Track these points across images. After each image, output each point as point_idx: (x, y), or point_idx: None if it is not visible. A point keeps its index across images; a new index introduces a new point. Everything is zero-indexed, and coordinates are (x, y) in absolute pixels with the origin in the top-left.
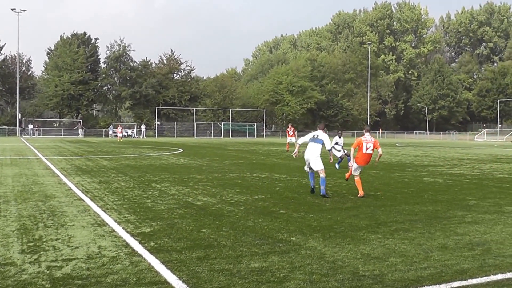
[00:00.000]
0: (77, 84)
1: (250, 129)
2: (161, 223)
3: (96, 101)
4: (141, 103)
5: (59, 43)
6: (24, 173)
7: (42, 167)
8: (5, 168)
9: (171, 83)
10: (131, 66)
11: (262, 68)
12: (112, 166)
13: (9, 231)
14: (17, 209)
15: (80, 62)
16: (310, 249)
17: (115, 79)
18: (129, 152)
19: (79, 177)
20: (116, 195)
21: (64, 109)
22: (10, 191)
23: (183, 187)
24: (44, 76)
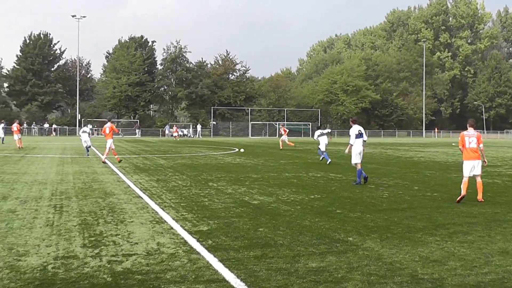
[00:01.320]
0: (134, 86)
1: (305, 129)
2: (218, 222)
3: (152, 101)
4: (196, 103)
5: (117, 47)
6: (84, 171)
7: (101, 166)
8: (66, 166)
9: (226, 83)
10: (187, 67)
11: (317, 68)
12: (169, 165)
13: (71, 226)
14: (78, 205)
15: (137, 65)
16: (368, 250)
17: (171, 80)
18: (185, 152)
19: (137, 175)
20: (173, 193)
21: (121, 110)
22: (71, 188)
23: (239, 186)
24: (102, 78)
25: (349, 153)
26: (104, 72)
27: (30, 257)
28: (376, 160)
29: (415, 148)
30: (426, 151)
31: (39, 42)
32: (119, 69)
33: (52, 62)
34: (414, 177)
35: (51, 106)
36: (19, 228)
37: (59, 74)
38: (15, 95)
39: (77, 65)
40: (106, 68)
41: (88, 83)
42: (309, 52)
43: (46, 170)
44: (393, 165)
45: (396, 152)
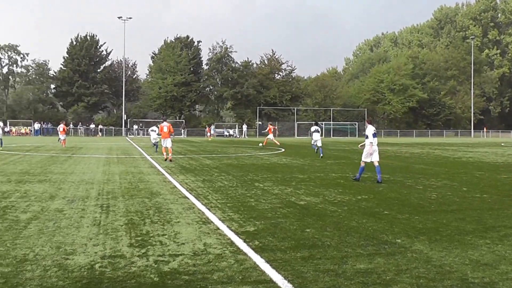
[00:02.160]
0: (180, 86)
1: (351, 129)
2: (265, 222)
3: (198, 101)
4: (242, 103)
5: (163, 47)
6: (130, 171)
7: (147, 166)
8: (112, 166)
9: (272, 83)
10: (232, 67)
11: (363, 67)
12: (215, 165)
13: (118, 226)
14: (124, 205)
15: (183, 65)
16: (416, 252)
17: (217, 80)
18: (231, 152)
19: (183, 175)
20: (219, 193)
21: (167, 110)
22: (117, 187)
23: (285, 187)
24: (148, 79)
25: (362, 148)
26: (149, 72)
27: (78, 256)
28: (424, 160)
29: (464, 148)
30: (475, 151)
31: (85, 43)
32: (164, 70)
33: (99, 64)
34: (463, 178)
35: (97, 107)
36: (67, 227)
37: (105, 75)
38: (61, 96)
39: (123, 66)
40: (152, 68)
41: (134, 84)
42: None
43: (92, 170)
44: (441, 165)
45: (444, 153)
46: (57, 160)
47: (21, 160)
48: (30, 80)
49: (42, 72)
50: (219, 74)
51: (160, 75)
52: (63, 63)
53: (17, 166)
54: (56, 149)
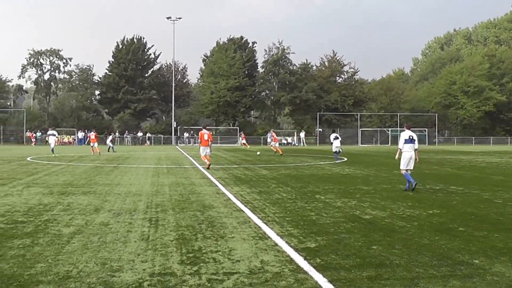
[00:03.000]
0: (233, 90)
1: (420, 136)
2: (327, 238)
3: (253, 107)
4: (301, 108)
5: (215, 49)
6: (181, 182)
7: (199, 176)
8: (162, 177)
9: (333, 86)
10: (290, 69)
11: (433, 68)
12: (272, 176)
13: (168, 241)
14: (175, 219)
15: (237, 68)
16: (497, 275)
17: (273, 84)
18: (289, 161)
19: (238, 187)
20: (277, 206)
21: (220, 117)
22: (167, 200)
23: (349, 199)
24: (199, 83)
25: (399, 159)
26: (201, 76)
27: (125, 273)
28: (503, 171)
29: None
30: None
31: (132, 47)
32: (217, 73)
33: (146, 68)
34: None
35: (145, 113)
36: (113, 242)
37: (154, 80)
38: (107, 103)
39: (173, 69)
40: (203, 72)
41: (184, 89)
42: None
43: (140, 181)
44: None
45: None
46: (102, 170)
47: (64, 171)
48: (73, 86)
49: (86, 78)
50: (276, 78)
51: (212, 79)
52: (108, 68)
53: (60, 177)
54: (101, 159)
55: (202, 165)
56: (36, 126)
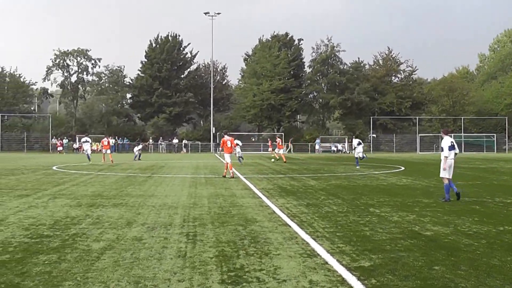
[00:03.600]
0: (278, 93)
1: (488, 142)
2: (382, 256)
3: (300, 111)
4: (352, 112)
5: (258, 47)
6: (220, 193)
7: (240, 187)
8: (199, 188)
9: (388, 87)
10: (340, 69)
11: (502, 65)
12: (321, 187)
13: (207, 258)
14: (214, 234)
15: (282, 67)
16: None
17: (321, 85)
18: (340, 170)
19: (283, 199)
20: (327, 220)
21: (263, 121)
22: (206, 213)
23: (407, 213)
24: (240, 85)
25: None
26: (242, 77)
27: None
28: None
29: None
30: None
31: (167, 45)
32: (260, 74)
33: (182, 68)
34: None
35: (181, 118)
36: (147, 258)
37: (190, 82)
38: (139, 107)
39: (211, 70)
40: (245, 72)
41: (223, 91)
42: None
43: (176, 192)
44: None
45: None
46: (135, 180)
47: (92, 181)
48: (102, 89)
49: (117, 80)
50: (325, 78)
51: (255, 80)
52: (141, 69)
53: (89, 187)
54: (133, 168)
55: (244, 175)
56: (62, 132)
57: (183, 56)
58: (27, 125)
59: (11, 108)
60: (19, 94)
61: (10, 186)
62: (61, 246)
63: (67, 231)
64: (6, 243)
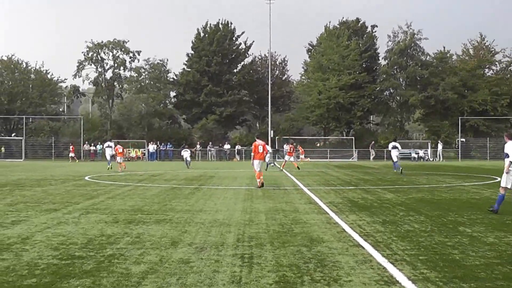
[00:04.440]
0: (347, 89)
1: None
2: (476, 285)
3: (373, 111)
4: (436, 112)
5: (323, 36)
6: (281, 208)
7: (304, 201)
8: (255, 202)
9: (480, 82)
10: (422, 61)
11: None
12: (400, 201)
13: (266, 284)
14: (274, 256)
15: (352, 60)
16: None
17: (399, 80)
18: (422, 182)
19: (355, 215)
20: (407, 241)
21: (330, 123)
22: (263, 231)
23: (505, 233)
24: (303, 80)
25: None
26: (305, 71)
27: None
28: None
29: None
30: None
31: (217, 35)
32: (326, 67)
33: (235, 61)
34: None
35: (234, 120)
36: (195, 285)
37: (244, 77)
38: (184, 107)
39: (269, 63)
40: (308, 66)
41: (283, 88)
42: None
43: (229, 207)
44: None
45: None
46: (180, 193)
47: (131, 193)
48: (142, 86)
49: (159, 76)
50: (403, 72)
51: (320, 74)
52: (187, 63)
53: (127, 201)
54: (178, 179)
55: (308, 186)
56: (96, 137)
57: (236, 47)
58: (55, 128)
59: (37, 109)
60: (46, 93)
61: (36, 199)
62: (96, 269)
63: (102, 251)
64: (33, 265)
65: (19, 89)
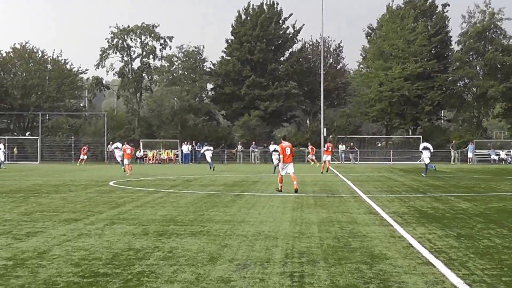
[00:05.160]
0: (414, 80)
1: None
2: None
3: (445, 105)
4: None
5: (385, 18)
6: (336, 218)
7: (363, 210)
8: (307, 211)
9: None
10: (503, 45)
11: None
12: (477, 211)
13: None
14: (328, 275)
15: (419, 45)
16: None
17: (476, 68)
18: (504, 188)
19: (423, 227)
20: (487, 259)
21: (393, 120)
22: (316, 245)
23: None
24: (361, 70)
25: None
26: (363, 59)
27: None
28: None
29: None
30: None
31: (261, 17)
32: (388, 54)
33: (282, 48)
34: None
35: (280, 116)
36: None
37: (293, 66)
38: (224, 102)
39: (321, 50)
40: (368, 53)
41: (338, 79)
42: None
43: (275, 217)
44: None
45: None
46: (219, 200)
47: (163, 201)
48: (175, 78)
49: (194, 66)
50: (480, 59)
51: (381, 62)
52: (226, 50)
53: (157, 210)
54: (216, 184)
55: (367, 193)
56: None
57: (283, 32)
58: (75, 126)
59: (54, 104)
60: (64, 86)
61: (54, 207)
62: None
63: (130, 268)
64: (50, 283)
65: (34, 82)
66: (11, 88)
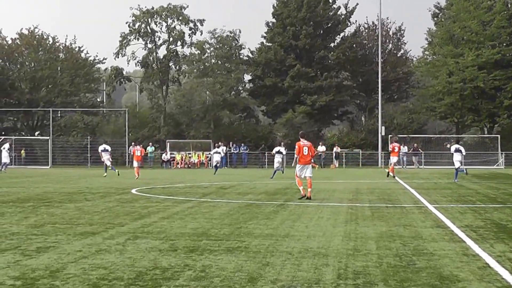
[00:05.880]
0: (490, 69)
1: None
2: None
3: None
4: None
5: None
6: (397, 232)
7: (429, 224)
8: (362, 224)
9: None
10: None
11: None
12: None
13: None
14: None
15: (497, 27)
16: None
17: None
18: None
19: (503, 244)
20: None
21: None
22: (374, 265)
23: None
24: (427, 57)
25: None
26: (429, 45)
27: None
28: None
29: None
30: None
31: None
32: (459, 38)
33: (332, 33)
34: None
35: (330, 112)
36: None
37: (345, 54)
38: (264, 96)
39: (379, 34)
40: (434, 37)
41: (398, 68)
42: None
43: (325, 231)
44: None
45: None
46: (259, 211)
47: (193, 212)
48: (206, 68)
49: (229, 54)
50: None
51: (451, 48)
52: (266, 35)
53: (187, 222)
54: (256, 192)
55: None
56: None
57: (333, 13)
58: (92, 125)
59: (67, 99)
60: (79, 78)
61: (68, 219)
62: None
63: None
64: None
65: (44, 73)
66: (18, 80)
